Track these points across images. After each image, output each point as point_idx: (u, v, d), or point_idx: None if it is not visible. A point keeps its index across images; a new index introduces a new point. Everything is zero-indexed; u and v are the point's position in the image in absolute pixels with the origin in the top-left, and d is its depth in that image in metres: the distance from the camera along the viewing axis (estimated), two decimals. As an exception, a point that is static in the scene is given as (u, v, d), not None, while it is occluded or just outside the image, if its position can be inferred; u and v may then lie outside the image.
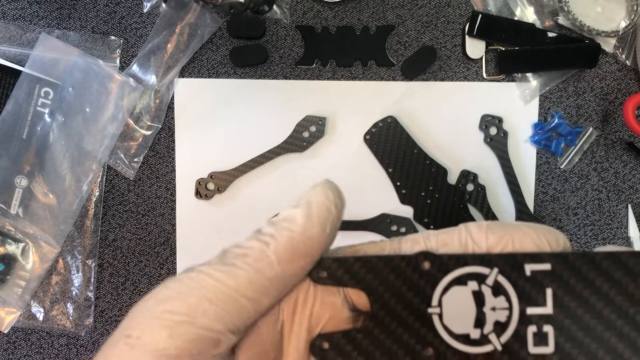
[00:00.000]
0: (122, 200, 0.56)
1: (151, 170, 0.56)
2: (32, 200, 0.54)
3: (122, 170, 0.56)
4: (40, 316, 0.56)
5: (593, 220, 0.58)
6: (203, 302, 0.20)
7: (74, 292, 0.56)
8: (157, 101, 0.55)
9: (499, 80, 0.56)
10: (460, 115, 0.56)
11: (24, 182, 0.54)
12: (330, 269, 0.22)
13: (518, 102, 0.57)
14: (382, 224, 0.56)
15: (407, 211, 0.56)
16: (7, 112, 0.53)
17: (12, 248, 0.54)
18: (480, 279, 0.21)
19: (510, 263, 0.21)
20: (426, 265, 0.21)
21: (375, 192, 0.56)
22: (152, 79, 0.55)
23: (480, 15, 0.54)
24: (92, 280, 0.56)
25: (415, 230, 0.56)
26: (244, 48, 0.55)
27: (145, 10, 0.56)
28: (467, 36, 0.55)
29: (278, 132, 0.56)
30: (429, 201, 0.56)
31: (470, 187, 0.56)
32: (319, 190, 0.22)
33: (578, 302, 0.20)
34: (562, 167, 0.57)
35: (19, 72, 0.53)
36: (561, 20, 0.55)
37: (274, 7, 0.55)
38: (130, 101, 0.55)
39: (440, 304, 0.21)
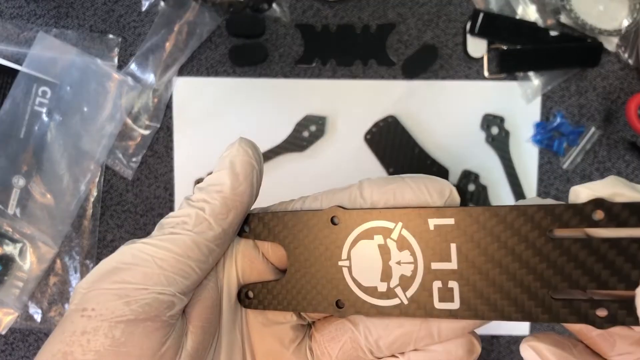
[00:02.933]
0: (121, 200, 0.56)
1: (149, 170, 0.56)
2: (29, 200, 0.54)
3: (120, 170, 0.56)
4: (38, 317, 0.55)
5: (595, 220, 0.57)
6: (154, 268, 0.21)
7: (71, 293, 0.55)
8: (156, 100, 0.55)
9: (500, 80, 0.56)
10: (461, 115, 0.56)
11: (22, 182, 0.53)
12: (253, 224, 0.24)
13: (520, 102, 0.56)
14: (382, 225, 0.55)
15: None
16: (4, 112, 0.53)
17: (9, 248, 0.54)
18: (386, 232, 0.21)
19: (413, 217, 0.21)
20: (337, 219, 0.22)
21: (375, 192, 0.56)
22: (150, 77, 0.55)
23: (481, 14, 0.54)
24: (90, 281, 0.56)
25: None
26: (244, 47, 0.54)
27: (143, 9, 0.55)
28: (468, 35, 0.55)
29: (278, 131, 0.55)
30: (430, 201, 0.55)
31: (471, 187, 0.56)
32: (238, 148, 0.23)
33: (482, 257, 0.20)
34: (564, 167, 0.57)
35: (17, 71, 0.53)
36: (563, 19, 0.55)
37: (274, 5, 0.55)
38: (129, 100, 0.54)
39: (349, 257, 0.22)
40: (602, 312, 0.19)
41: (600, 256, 0.19)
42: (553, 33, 0.55)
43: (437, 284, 0.21)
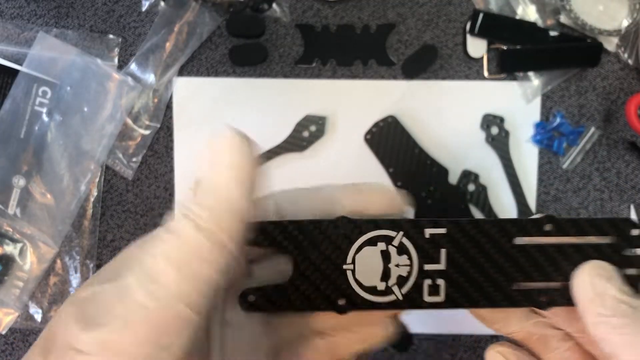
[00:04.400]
0: (121, 200, 0.56)
1: (150, 170, 0.56)
2: (29, 200, 0.54)
3: (120, 170, 0.56)
4: (38, 317, 0.55)
5: (595, 220, 0.57)
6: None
7: (72, 293, 0.55)
8: (156, 100, 0.55)
9: (500, 80, 0.56)
10: (461, 115, 0.56)
11: (22, 182, 0.53)
12: (258, 232, 0.25)
13: (520, 102, 0.56)
14: (382, 224, 0.55)
15: (407, 211, 0.56)
16: (4, 112, 0.53)
17: (9, 248, 0.54)
18: (388, 240, 0.25)
19: (413, 227, 0.25)
20: (343, 229, 0.25)
21: (375, 192, 0.56)
22: (150, 78, 0.55)
23: (481, 14, 0.54)
24: (91, 281, 0.56)
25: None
26: (244, 47, 0.54)
27: (143, 9, 0.55)
28: (468, 35, 0.55)
29: (278, 131, 0.55)
30: (429, 202, 0.55)
31: (471, 187, 0.56)
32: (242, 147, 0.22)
33: (464, 258, 0.25)
34: (564, 167, 0.57)
35: (17, 71, 0.53)
36: (563, 19, 0.55)
37: (274, 5, 0.55)
38: (129, 100, 0.54)
39: (354, 262, 0.25)
40: (545, 298, 0.25)
41: (548, 257, 0.25)
42: (553, 33, 0.55)
43: (427, 282, 0.25)
